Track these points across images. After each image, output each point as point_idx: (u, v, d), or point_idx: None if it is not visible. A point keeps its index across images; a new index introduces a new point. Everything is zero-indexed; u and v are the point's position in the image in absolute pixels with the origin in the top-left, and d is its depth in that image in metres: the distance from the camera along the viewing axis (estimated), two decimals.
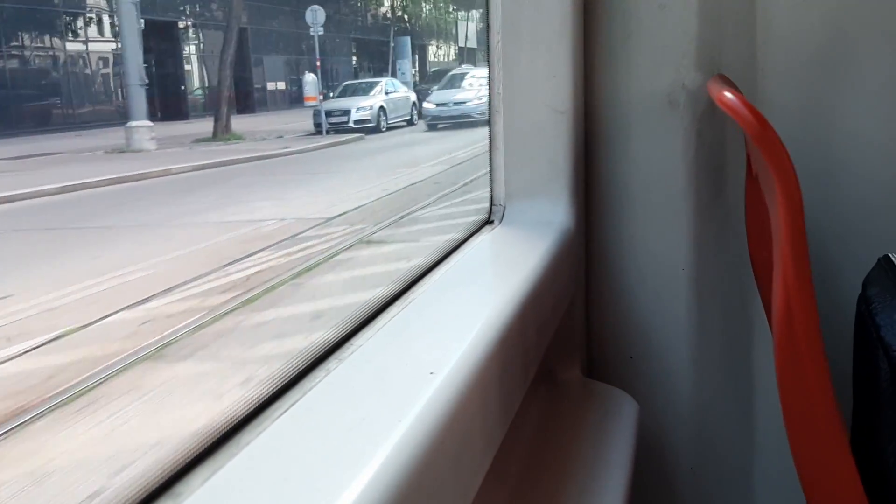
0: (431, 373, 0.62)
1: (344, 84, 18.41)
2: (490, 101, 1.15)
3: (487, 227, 1.14)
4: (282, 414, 0.57)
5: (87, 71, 18.26)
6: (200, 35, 21.45)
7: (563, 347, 1.14)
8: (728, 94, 0.70)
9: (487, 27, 1.14)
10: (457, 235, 1.09)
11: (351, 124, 15.12)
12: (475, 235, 1.11)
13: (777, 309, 0.69)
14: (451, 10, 32.50)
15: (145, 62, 14.45)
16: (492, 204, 1.17)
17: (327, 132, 14.85)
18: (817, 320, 0.71)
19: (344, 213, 7.02)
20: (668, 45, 1.13)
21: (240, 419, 0.56)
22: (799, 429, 0.74)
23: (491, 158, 1.16)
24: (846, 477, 0.73)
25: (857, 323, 0.93)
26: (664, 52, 1.13)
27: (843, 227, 1.15)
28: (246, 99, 21.21)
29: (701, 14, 1.12)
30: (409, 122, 16.81)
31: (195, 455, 0.52)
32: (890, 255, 0.94)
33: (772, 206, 0.72)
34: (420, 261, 0.96)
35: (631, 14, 1.14)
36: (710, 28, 1.13)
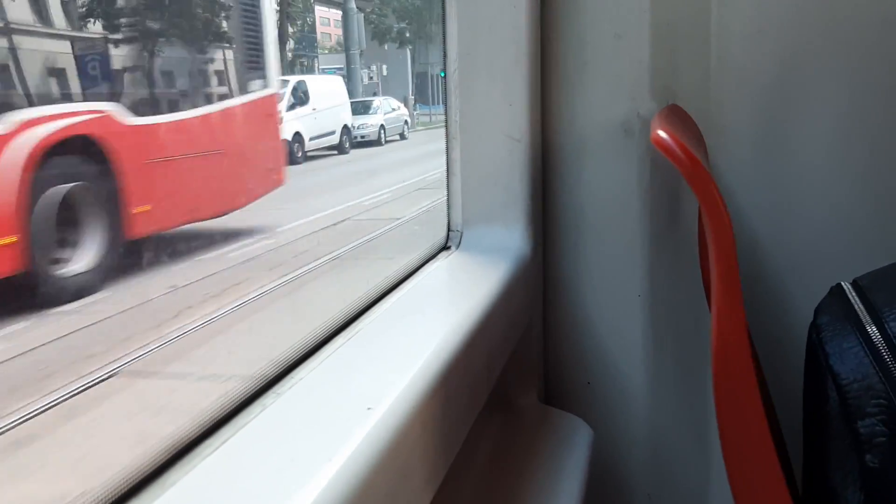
0: (369, 408, 0.61)
1: None
2: (447, 128, 1.16)
3: (444, 253, 1.14)
4: (212, 452, 0.56)
5: None
6: None
7: (519, 373, 1.14)
8: (662, 134, 0.71)
9: (444, 55, 1.14)
10: (412, 261, 1.09)
11: None
12: (432, 261, 1.11)
13: (713, 343, 0.70)
14: None
15: None
16: (449, 230, 1.17)
17: None
18: (749, 356, 0.71)
19: None
20: (623, 75, 1.14)
21: (167, 458, 0.55)
22: (734, 456, 0.74)
23: (448, 184, 1.16)
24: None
25: (808, 351, 0.93)
26: (619, 81, 1.14)
27: (797, 256, 1.15)
28: None
29: (655, 44, 1.13)
30: None
31: (117, 496, 0.51)
32: (843, 283, 0.94)
33: (709, 242, 0.73)
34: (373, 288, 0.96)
35: (587, 43, 1.15)
36: (665, 58, 1.14)
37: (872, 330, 0.84)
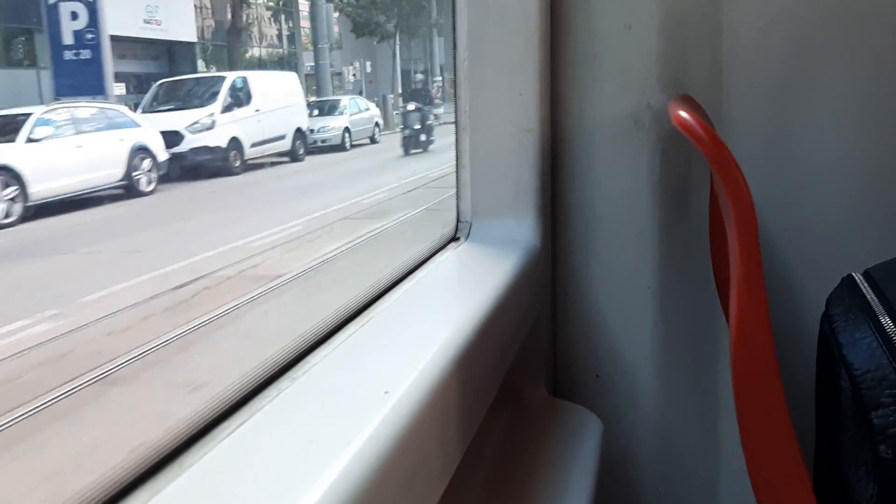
0: (386, 392, 0.61)
1: None
2: (457, 119, 1.15)
3: (453, 244, 1.13)
4: (228, 435, 0.56)
5: None
6: None
7: (528, 366, 1.14)
8: (684, 114, 0.70)
9: (454, 45, 1.14)
10: (422, 251, 1.09)
11: None
12: (440, 252, 1.10)
13: (732, 329, 0.69)
14: None
15: None
16: (458, 221, 1.16)
17: None
18: (771, 341, 0.70)
19: None
20: (633, 66, 1.13)
21: (184, 440, 0.55)
22: (754, 448, 0.74)
23: (457, 175, 1.16)
24: (802, 497, 0.73)
25: (820, 342, 0.93)
26: (629, 73, 1.13)
27: (808, 246, 1.15)
28: None
29: (665, 35, 1.12)
30: None
31: (134, 478, 0.50)
32: (853, 274, 0.94)
33: (728, 226, 0.72)
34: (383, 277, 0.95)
35: (597, 34, 1.14)
36: (675, 49, 1.13)
37: (886, 321, 0.84)
